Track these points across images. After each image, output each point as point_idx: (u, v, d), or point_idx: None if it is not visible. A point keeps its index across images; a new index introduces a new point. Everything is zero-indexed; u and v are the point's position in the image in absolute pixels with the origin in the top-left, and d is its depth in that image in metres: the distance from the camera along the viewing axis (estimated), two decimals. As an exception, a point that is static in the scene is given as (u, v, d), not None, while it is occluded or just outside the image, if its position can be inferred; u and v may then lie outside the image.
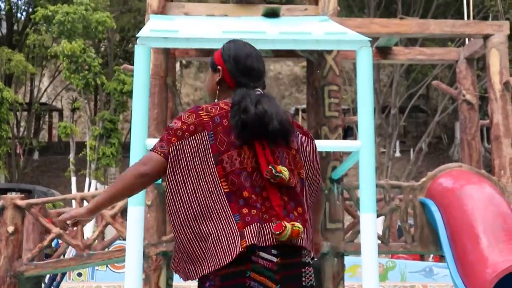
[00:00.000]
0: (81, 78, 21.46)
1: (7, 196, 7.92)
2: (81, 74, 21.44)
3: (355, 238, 7.87)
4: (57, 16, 21.20)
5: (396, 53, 10.15)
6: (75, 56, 21.08)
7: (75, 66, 21.36)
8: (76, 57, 21.15)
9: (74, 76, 21.47)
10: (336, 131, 7.88)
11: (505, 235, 6.94)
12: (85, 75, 21.48)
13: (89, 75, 21.61)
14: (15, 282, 7.58)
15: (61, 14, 21.15)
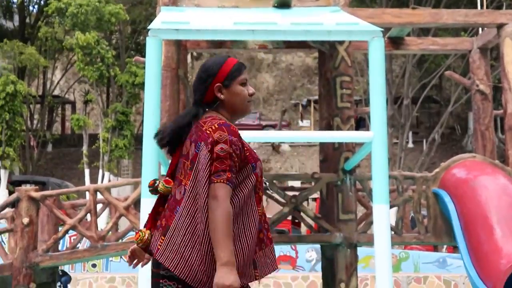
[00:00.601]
0: (95, 70, 21.54)
1: (22, 188, 7.99)
2: (95, 66, 21.52)
3: (368, 229, 7.86)
4: (70, 8, 21.26)
5: (409, 43, 10.09)
6: (89, 48, 21.17)
7: (89, 58, 21.43)
8: (90, 48, 21.23)
9: (88, 68, 21.55)
10: (348, 122, 7.86)
11: (519, 225, 6.91)
12: (99, 67, 21.56)
13: (103, 67, 21.68)
14: (31, 273, 7.65)
15: (74, 6, 21.22)
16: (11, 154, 21.00)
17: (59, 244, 9.48)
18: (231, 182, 2.40)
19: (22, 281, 7.60)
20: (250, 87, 2.69)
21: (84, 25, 21.43)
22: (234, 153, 2.44)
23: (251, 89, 2.69)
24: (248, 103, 2.68)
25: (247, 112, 2.71)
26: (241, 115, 2.71)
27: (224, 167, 2.40)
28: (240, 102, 2.66)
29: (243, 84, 2.66)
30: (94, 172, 23.50)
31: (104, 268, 15.68)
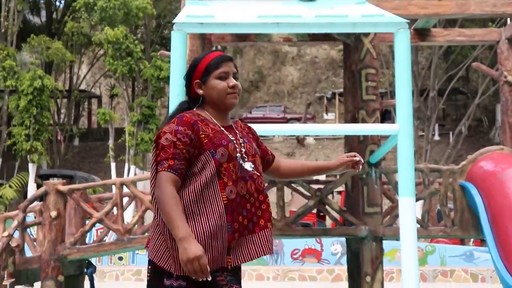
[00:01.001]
0: (124, 64, 21.69)
1: (50, 182, 8.08)
2: (124, 61, 21.67)
3: (394, 222, 7.83)
4: (99, 2, 21.41)
5: (435, 34, 9.97)
6: (118, 42, 21.32)
7: (118, 53, 21.60)
8: (120, 43, 21.37)
9: (117, 63, 21.71)
10: (374, 114, 7.82)
11: (548, 218, 6.82)
12: (128, 61, 21.70)
13: (132, 61, 21.83)
14: (59, 265, 7.75)
15: (103, 1, 21.35)
16: (39, 148, 21.25)
17: (86, 237, 9.58)
18: (173, 168, 2.46)
19: (51, 274, 7.70)
20: (232, 79, 2.68)
21: (112, 19, 21.57)
22: (179, 141, 2.50)
23: (232, 81, 2.67)
24: (228, 95, 2.66)
25: (230, 104, 2.69)
26: (225, 108, 2.70)
27: (167, 156, 2.48)
28: (217, 96, 2.66)
29: (221, 77, 2.66)
30: (120, 165, 23.69)
31: (130, 261, 15.84)
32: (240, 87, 2.72)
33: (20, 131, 21.19)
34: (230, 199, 2.51)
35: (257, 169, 2.64)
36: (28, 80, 20.92)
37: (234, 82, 2.68)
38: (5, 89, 22.19)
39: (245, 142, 2.68)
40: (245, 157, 2.61)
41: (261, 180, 2.64)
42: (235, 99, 2.69)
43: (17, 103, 21.29)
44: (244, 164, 2.59)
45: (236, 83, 2.68)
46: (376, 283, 7.53)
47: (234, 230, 2.51)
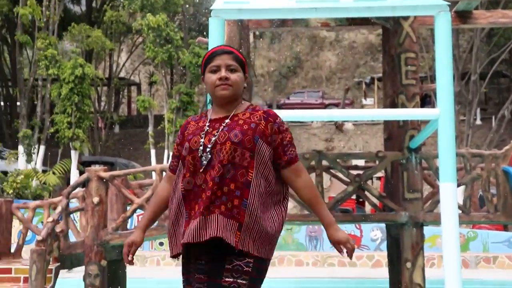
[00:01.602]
0: (164, 51, 21.84)
1: (92, 169, 8.21)
2: (164, 48, 21.81)
3: (435, 208, 7.76)
4: (140, -10, 21.60)
5: (477, 17, 9.78)
6: (159, 29, 21.45)
7: (158, 40, 21.74)
8: (160, 30, 21.51)
9: (157, 50, 21.86)
10: (414, 99, 7.74)
11: None
12: (168, 48, 21.84)
13: (172, 48, 21.95)
14: (102, 250, 7.89)
15: (145, -12, 21.53)
16: (80, 135, 21.60)
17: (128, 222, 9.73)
18: (170, 166, 2.91)
19: (94, 258, 7.85)
20: (222, 71, 2.74)
21: (152, 6, 21.72)
22: (175, 143, 2.89)
23: (222, 73, 2.73)
24: (217, 88, 2.74)
25: (219, 96, 2.76)
26: (218, 101, 2.79)
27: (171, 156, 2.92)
28: (210, 90, 2.79)
29: (213, 71, 2.76)
30: (159, 152, 23.94)
31: (171, 246, 16.04)
32: (234, 78, 2.75)
33: (62, 119, 21.56)
34: (187, 190, 2.69)
35: (219, 157, 2.64)
36: (70, 69, 21.22)
37: (223, 74, 2.73)
38: (47, 78, 22.58)
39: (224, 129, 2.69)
40: (208, 148, 2.66)
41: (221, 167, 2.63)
42: (223, 91, 2.74)
43: (59, 91, 21.65)
44: (203, 155, 2.67)
45: (225, 75, 2.73)
46: (416, 269, 7.49)
47: (190, 217, 2.67)
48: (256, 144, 2.67)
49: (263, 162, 2.69)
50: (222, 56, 2.76)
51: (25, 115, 22.55)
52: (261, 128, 2.71)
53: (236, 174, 2.62)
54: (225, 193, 2.61)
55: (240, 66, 2.79)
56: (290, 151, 2.79)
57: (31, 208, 8.84)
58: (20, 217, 8.67)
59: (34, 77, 23.22)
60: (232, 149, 2.64)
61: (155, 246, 15.98)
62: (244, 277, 2.60)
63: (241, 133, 2.67)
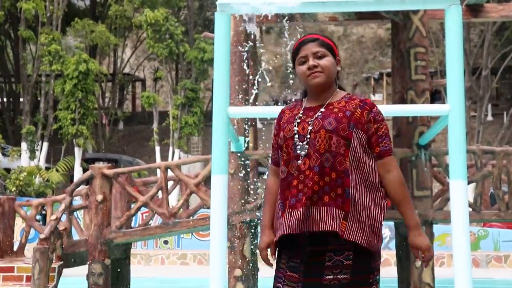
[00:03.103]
0: (164, 47, 21.83)
1: (95, 166, 8.22)
2: (164, 43, 21.81)
3: (445, 205, 7.73)
4: (140, -15, 21.62)
5: (488, 10, 9.73)
6: (158, 24, 21.46)
7: (158, 35, 21.73)
8: (159, 25, 21.51)
9: (157, 45, 21.87)
10: (423, 95, 7.71)
11: None
12: (168, 43, 21.83)
13: (172, 43, 21.94)
14: (106, 249, 7.91)
15: (145, -17, 21.54)
16: (84, 132, 21.65)
17: (132, 221, 9.75)
18: (272, 160, 2.90)
19: (98, 257, 7.87)
20: (311, 60, 2.74)
21: (153, 2, 21.73)
22: (273, 134, 2.83)
23: (311, 62, 2.74)
24: (308, 78, 2.75)
25: (312, 85, 2.76)
26: (312, 90, 2.79)
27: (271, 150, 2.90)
28: (303, 80, 2.80)
29: (302, 62, 2.78)
30: (164, 149, 23.96)
31: (175, 245, 16.06)
32: (323, 64, 2.74)
33: (66, 115, 21.61)
34: (282, 179, 2.70)
35: (315, 145, 2.62)
36: (73, 64, 21.26)
37: (311, 63, 2.74)
38: (51, 74, 22.64)
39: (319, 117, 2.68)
40: (304, 136, 2.66)
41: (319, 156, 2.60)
42: (315, 78, 2.75)
43: (62, 87, 21.69)
44: (298, 144, 2.66)
45: (312, 63, 2.73)
46: (426, 268, 7.47)
47: (285, 207, 2.65)
48: (352, 131, 2.63)
49: (358, 150, 2.64)
50: (308, 45, 2.77)
51: (28, 111, 22.62)
52: (357, 116, 2.67)
53: (335, 162, 2.59)
54: (327, 183, 2.58)
55: (328, 51, 2.78)
56: (384, 143, 2.73)
57: (34, 206, 8.87)
58: (23, 215, 8.70)
59: (38, 73, 23.28)
60: (328, 137, 2.61)
61: (160, 245, 16.02)
62: (345, 271, 2.57)
63: (335, 120, 2.64)
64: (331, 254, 2.57)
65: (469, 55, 23.35)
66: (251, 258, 7.43)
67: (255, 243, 7.61)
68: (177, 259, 15.37)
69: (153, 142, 23.89)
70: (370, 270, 2.62)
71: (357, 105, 2.70)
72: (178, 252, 15.57)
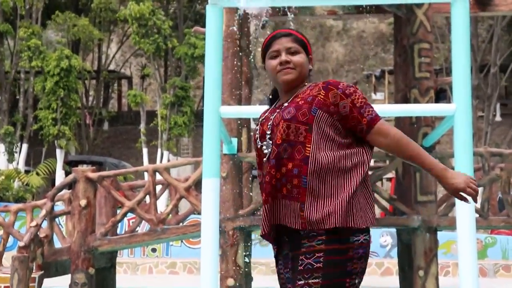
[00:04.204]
0: (151, 42, 21.80)
1: (79, 169, 8.24)
2: (151, 38, 21.77)
3: (450, 211, 7.77)
4: (126, -25, 21.61)
5: (498, 3, 9.77)
6: (144, 19, 21.41)
7: (144, 30, 21.70)
8: (146, 20, 21.47)
9: (143, 41, 21.83)
10: (427, 93, 7.75)
11: None
12: (156, 39, 21.79)
13: (159, 39, 21.90)
14: (90, 257, 7.91)
15: (131, -26, 21.52)
16: (66, 133, 21.61)
17: (118, 227, 9.75)
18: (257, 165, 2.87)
19: (81, 266, 7.87)
20: (283, 55, 2.74)
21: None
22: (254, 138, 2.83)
23: (282, 58, 2.74)
24: (278, 73, 2.75)
25: (282, 81, 2.76)
26: (282, 86, 2.79)
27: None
28: (272, 76, 2.80)
29: (273, 57, 2.78)
30: (152, 151, 23.96)
31: (164, 253, 16.06)
32: (296, 60, 2.74)
33: (46, 115, 21.58)
34: (260, 183, 2.77)
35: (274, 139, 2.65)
36: (55, 60, 21.22)
37: (283, 58, 2.73)
38: (30, 70, 22.62)
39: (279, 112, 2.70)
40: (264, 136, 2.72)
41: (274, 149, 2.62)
42: (286, 75, 2.74)
43: (43, 85, 21.66)
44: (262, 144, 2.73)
45: (284, 59, 2.73)
46: (430, 277, 7.50)
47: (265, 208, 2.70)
48: (315, 115, 2.60)
49: (324, 134, 2.61)
50: (281, 39, 2.76)
51: (6, 110, 22.58)
52: (321, 98, 2.63)
53: (293, 152, 2.59)
54: (284, 174, 2.59)
55: (301, 47, 2.78)
56: (368, 112, 2.67)
57: (13, 212, 8.86)
58: (1, 221, 8.69)
59: (16, 70, 23.25)
60: (286, 126, 2.61)
61: (147, 253, 16.01)
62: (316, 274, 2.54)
63: (294, 108, 2.63)
64: (303, 258, 2.56)
65: (477, 51, 23.44)
66: (245, 267, 7.44)
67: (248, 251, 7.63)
68: (166, 268, 15.37)
69: (140, 144, 23.88)
70: (346, 274, 2.58)
71: (320, 88, 2.67)
72: (167, 260, 15.57)
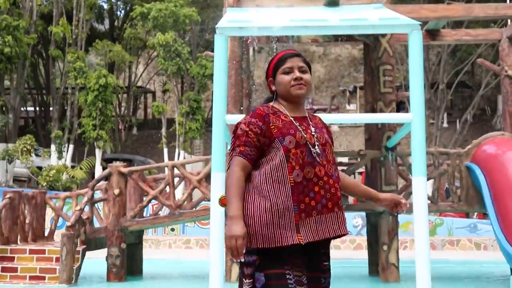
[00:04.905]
0: (173, 64, 21.79)
1: (113, 165, 8.22)
2: (173, 61, 21.77)
3: (408, 198, 7.75)
4: (152, 12, 21.52)
5: (444, 34, 9.78)
6: (168, 45, 21.42)
7: (168, 54, 21.70)
8: (169, 46, 21.47)
9: (168, 63, 21.82)
10: (390, 105, 7.74)
11: (545, 195, 6.69)
12: (177, 61, 21.79)
13: (180, 61, 21.89)
14: (122, 235, 7.89)
15: (155, 11, 21.45)
16: (103, 136, 21.54)
17: (144, 211, 9.73)
18: (243, 154, 2.44)
19: (115, 242, 7.85)
20: (296, 72, 2.57)
21: (163, 26, 21.68)
22: (251, 131, 2.46)
23: (296, 74, 2.56)
24: (292, 88, 2.56)
25: (295, 95, 2.57)
26: (293, 99, 2.59)
27: (239, 143, 2.46)
28: (284, 90, 2.58)
29: (286, 72, 2.58)
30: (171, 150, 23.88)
31: (181, 232, 16.02)
32: (306, 78, 2.59)
33: (88, 122, 21.51)
34: (296, 182, 2.40)
35: (326, 156, 2.49)
36: (95, 79, 21.16)
37: (297, 75, 2.56)
38: (76, 86, 22.53)
39: (317, 132, 2.54)
40: (315, 145, 2.48)
41: (331, 166, 2.48)
42: (299, 90, 2.56)
43: (85, 98, 21.58)
44: (312, 150, 2.47)
45: (299, 75, 2.56)
46: (392, 251, 7.49)
47: (300, 210, 2.39)
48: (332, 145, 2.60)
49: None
50: (294, 58, 2.60)
51: (56, 118, 22.51)
52: (328, 132, 2.64)
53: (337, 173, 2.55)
54: (338, 190, 2.50)
55: (308, 68, 2.65)
56: None
57: (62, 198, 8.84)
58: (52, 206, 8.67)
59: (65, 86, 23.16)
60: (332, 150, 2.56)
61: (168, 232, 15.97)
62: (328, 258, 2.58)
63: (327, 135, 2.58)
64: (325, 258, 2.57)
65: (428, 72, 23.45)
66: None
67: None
68: (182, 243, 15.33)
69: (162, 145, 23.80)
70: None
71: (322, 123, 2.68)
72: (183, 237, 15.53)
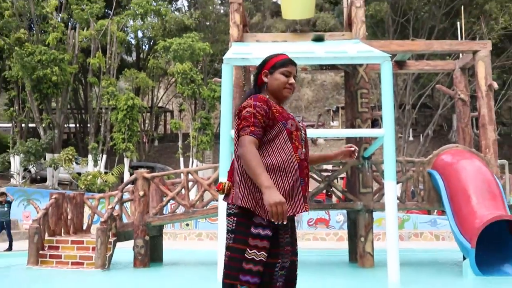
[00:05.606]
0: (189, 88, 21.92)
1: (138, 171, 8.21)
2: (189, 86, 21.90)
3: (381, 199, 7.75)
4: (172, 46, 21.63)
5: (409, 65, 9.83)
6: (185, 73, 21.55)
7: (185, 81, 21.83)
8: (186, 74, 21.59)
9: (184, 87, 21.96)
10: (366, 122, 7.76)
11: (489, 195, 6.76)
12: (192, 87, 21.91)
13: (195, 86, 22.01)
14: (145, 229, 7.86)
15: (176, 45, 21.58)
16: (131, 147, 21.54)
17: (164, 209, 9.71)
18: (254, 133, 2.22)
19: (140, 234, 7.82)
20: (292, 79, 2.41)
21: (181, 57, 21.79)
22: (258, 113, 2.25)
23: (292, 80, 2.40)
24: (285, 89, 2.39)
25: (284, 96, 2.41)
26: (280, 98, 2.42)
27: (248, 124, 2.23)
28: (277, 87, 2.39)
29: (285, 74, 2.40)
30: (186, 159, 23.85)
31: (194, 227, 15.96)
32: (295, 87, 2.47)
33: (118, 136, 21.50)
34: (301, 159, 2.29)
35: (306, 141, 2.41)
36: (124, 101, 21.20)
37: (293, 81, 2.41)
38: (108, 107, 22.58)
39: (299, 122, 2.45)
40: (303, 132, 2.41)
41: (308, 149, 2.39)
42: (288, 93, 2.41)
43: (116, 116, 21.59)
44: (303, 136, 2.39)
45: (293, 82, 2.42)
46: (368, 242, 7.47)
47: (305, 184, 2.30)
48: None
49: None
50: (293, 67, 2.43)
51: (93, 133, 22.51)
52: None
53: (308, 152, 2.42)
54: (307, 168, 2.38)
55: None
56: None
57: (97, 199, 8.82)
58: (89, 205, 8.65)
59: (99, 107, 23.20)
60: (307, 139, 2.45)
61: (183, 226, 15.91)
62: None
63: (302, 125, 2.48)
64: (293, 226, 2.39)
65: (397, 95, 23.51)
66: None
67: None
68: (195, 236, 15.26)
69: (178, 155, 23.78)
70: None
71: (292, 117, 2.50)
72: (196, 231, 15.46)
